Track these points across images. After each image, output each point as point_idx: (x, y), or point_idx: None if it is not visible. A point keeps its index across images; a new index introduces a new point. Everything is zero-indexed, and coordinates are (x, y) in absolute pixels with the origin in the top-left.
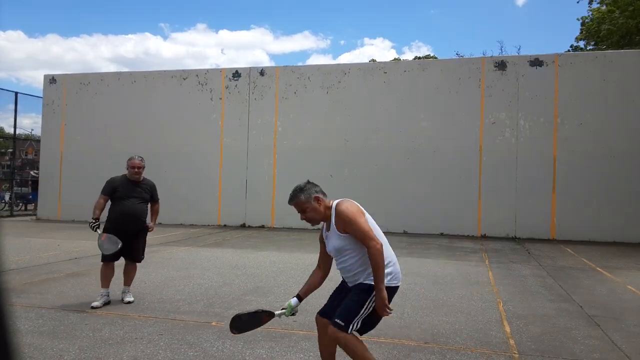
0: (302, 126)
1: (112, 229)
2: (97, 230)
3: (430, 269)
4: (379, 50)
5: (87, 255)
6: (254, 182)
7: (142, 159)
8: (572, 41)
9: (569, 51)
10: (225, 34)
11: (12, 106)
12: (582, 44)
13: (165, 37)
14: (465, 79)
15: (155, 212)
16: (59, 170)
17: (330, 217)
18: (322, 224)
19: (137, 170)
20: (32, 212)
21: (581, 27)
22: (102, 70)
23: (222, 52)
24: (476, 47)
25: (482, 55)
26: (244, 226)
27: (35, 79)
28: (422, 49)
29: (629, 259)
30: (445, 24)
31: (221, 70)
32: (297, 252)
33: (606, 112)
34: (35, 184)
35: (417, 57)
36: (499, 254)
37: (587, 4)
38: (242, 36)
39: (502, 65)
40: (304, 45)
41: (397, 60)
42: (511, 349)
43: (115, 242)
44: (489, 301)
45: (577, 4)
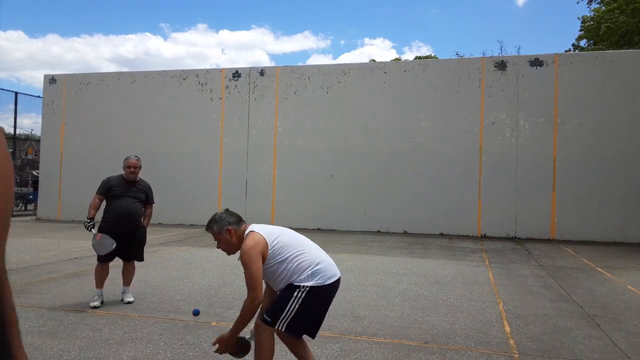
0: (302, 126)
1: (106, 229)
2: (91, 230)
3: (430, 269)
4: (379, 50)
5: (86, 255)
6: (254, 182)
7: (138, 158)
8: (572, 41)
9: (569, 51)
10: (225, 34)
11: (12, 106)
12: (583, 43)
13: (165, 37)
14: (465, 79)
15: (147, 216)
16: (59, 170)
17: None
18: None
19: (133, 169)
20: (32, 212)
21: (581, 26)
22: (102, 70)
23: (222, 52)
24: (476, 47)
25: (482, 55)
26: None
27: (35, 79)
28: (422, 49)
29: (629, 259)
30: (445, 24)
31: (221, 70)
32: None
33: (606, 112)
34: (36, 184)
35: (418, 57)
36: (499, 254)
37: (587, 5)
38: (243, 36)
39: (502, 65)
40: (305, 45)
41: (397, 60)
42: (511, 349)
43: (109, 243)
44: (489, 301)
45: (577, 4)
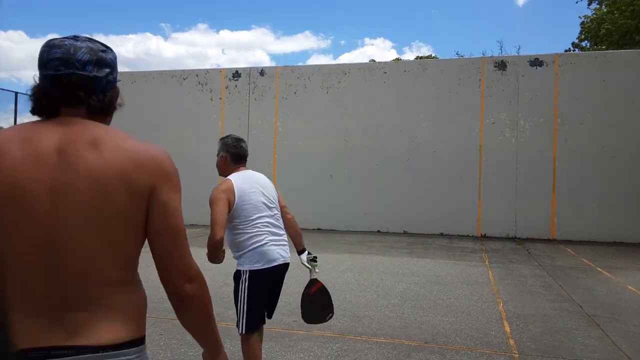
0: (302, 126)
1: None
2: None
3: (430, 269)
4: (379, 50)
5: None
6: None
7: None
8: (572, 41)
9: (569, 51)
10: (226, 34)
11: (12, 106)
12: (583, 43)
13: (166, 37)
14: (465, 79)
15: None
16: None
17: None
18: None
19: None
20: None
21: (581, 26)
22: None
23: (222, 52)
24: (476, 47)
25: (482, 55)
26: None
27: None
28: (423, 49)
29: (629, 259)
30: (445, 24)
31: (221, 70)
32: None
33: (606, 112)
34: None
35: (418, 57)
36: (499, 254)
37: (587, 5)
38: (243, 36)
39: (502, 65)
40: (305, 45)
41: (397, 60)
42: (511, 349)
43: None
44: (489, 301)
45: (577, 4)
